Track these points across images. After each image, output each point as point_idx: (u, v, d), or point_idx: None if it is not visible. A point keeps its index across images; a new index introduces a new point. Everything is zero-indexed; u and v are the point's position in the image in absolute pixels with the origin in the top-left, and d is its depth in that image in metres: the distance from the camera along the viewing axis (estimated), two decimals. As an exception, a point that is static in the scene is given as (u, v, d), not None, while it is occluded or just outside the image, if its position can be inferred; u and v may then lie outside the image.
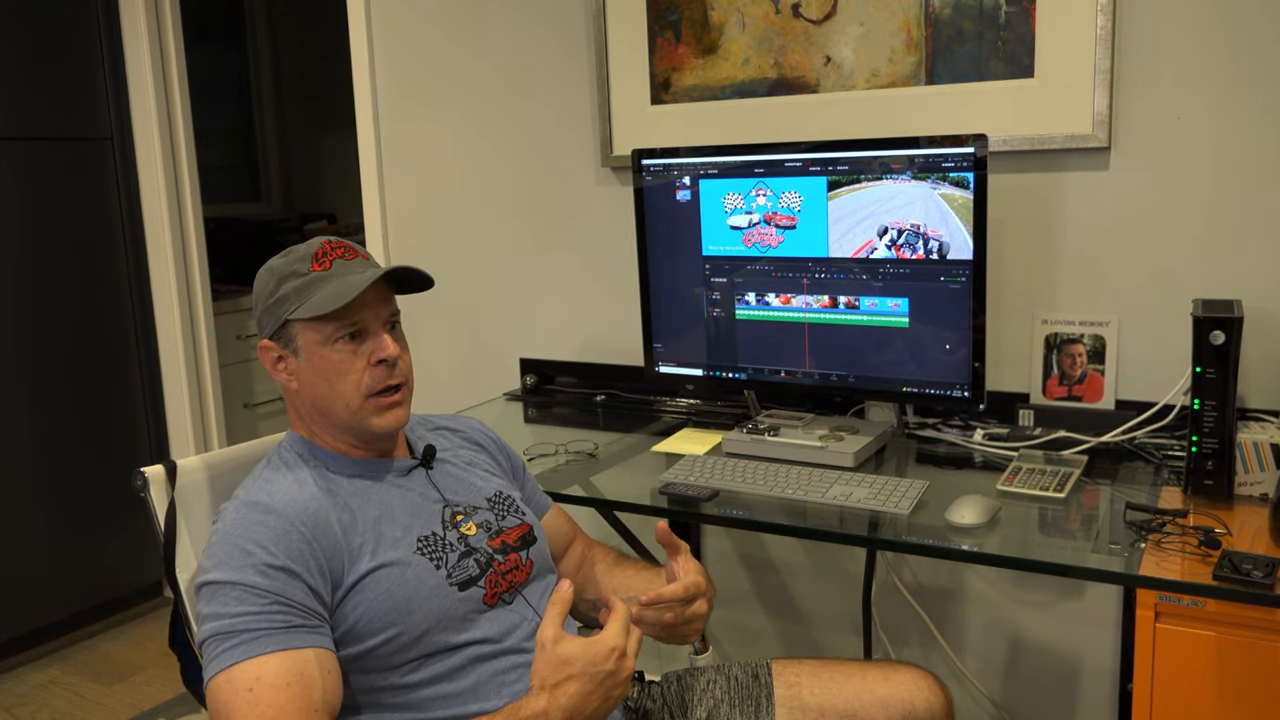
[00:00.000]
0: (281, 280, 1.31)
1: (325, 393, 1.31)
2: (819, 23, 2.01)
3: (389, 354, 1.31)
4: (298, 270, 1.31)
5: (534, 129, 2.38)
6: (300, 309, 1.29)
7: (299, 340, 1.31)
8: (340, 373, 1.30)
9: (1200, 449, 1.53)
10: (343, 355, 1.30)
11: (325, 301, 1.27)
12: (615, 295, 2.33)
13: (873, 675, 1.45)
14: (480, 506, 1.40)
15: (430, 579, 1.28)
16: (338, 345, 1.29)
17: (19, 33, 2.88)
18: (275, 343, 1.33)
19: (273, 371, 1.35)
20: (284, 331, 1.31)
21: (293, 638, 1.16)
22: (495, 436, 1.57)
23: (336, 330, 1.29)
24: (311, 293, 1.29)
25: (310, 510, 1.25)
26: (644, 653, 2.28)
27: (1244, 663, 1.30)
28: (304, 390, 1.33)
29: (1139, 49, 1.78)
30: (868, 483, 1.65)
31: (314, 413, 1.35)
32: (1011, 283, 1.94)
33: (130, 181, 3.14)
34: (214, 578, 1.18)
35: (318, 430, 1.36)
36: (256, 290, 1.34)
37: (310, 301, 1.28)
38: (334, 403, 1.31)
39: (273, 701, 1.11)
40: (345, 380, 1.30)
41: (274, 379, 1.36)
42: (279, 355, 1.33)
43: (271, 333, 1.32)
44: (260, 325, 1.34)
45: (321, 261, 1.31)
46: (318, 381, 1.31)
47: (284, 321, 1.31)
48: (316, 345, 1.30)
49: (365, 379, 1.30)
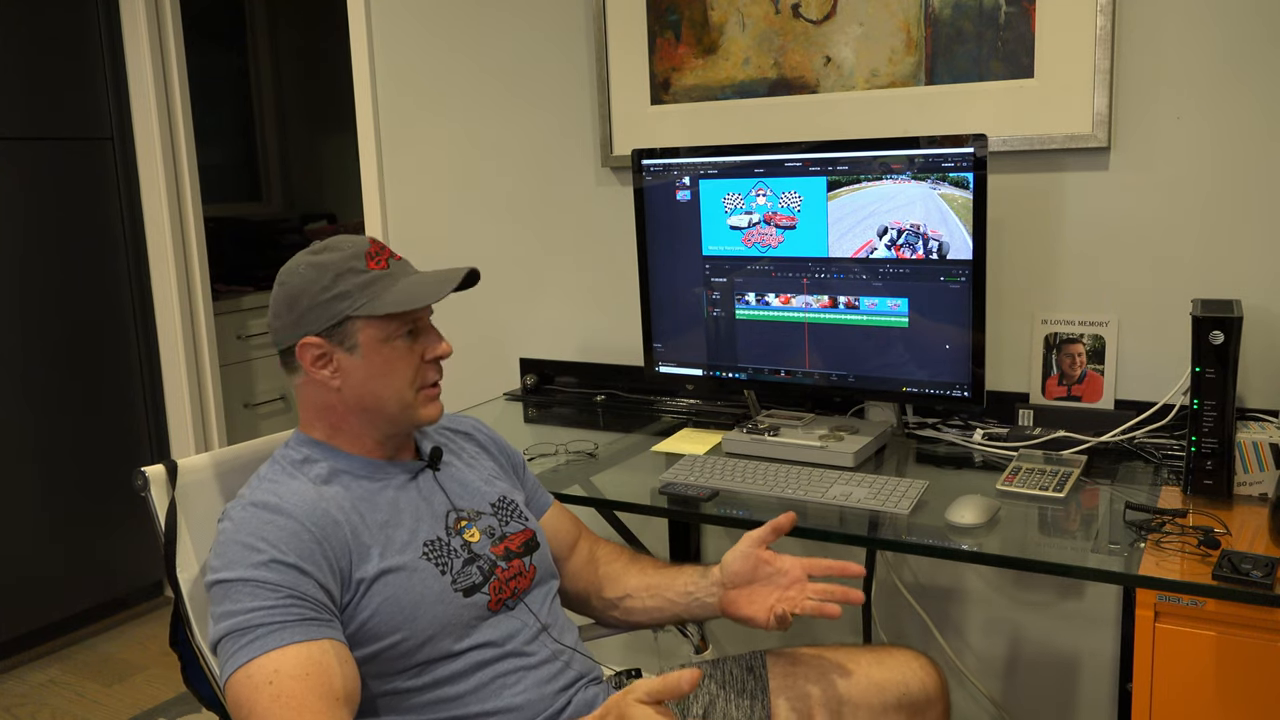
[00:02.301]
0: (338, 276, 1.29)
1: (377, 389, 1.31)
2: (819, 23, 2.01)
3: (446, 352, 1.35)
4: (354, 267, 1.30)
5: (534, 129, 2.39)
6: (367, 305, 1.28)
7: (359, 337, 1.30)
8: (399, 369, 1.32)
9: (1200, 449, 1.53)
10: (401, 352, 1.32)
11: (400, 300, 1.28)
12: (615, 295, 2.33)
13: (866, 659, 1.45)
14: (484, 512, 1.40)
15: (435, 585, 1.28)
16: (397, 343, 1.31)
17: (19, 33, 2.88)
18: (325, 339, 1.30)
19: (309, 369, 1.31)
20: (341, 328, 1.29)
21: (309, 629, 1.16)
22: (495, 436, 1.57)
23: (400, 328, 1.31)
24: (378, 290, 1.29)
25: (320, 511, 1.24)
26: (642, 650, 2.28)
27: (1244, 663, 1.30)
28: (349, 388, 1.31)
29: (1139, 49, 1.78)
30: (868, 483, 1.65)
31: (354, 410, 1.33)
32: (1011, 283, 1.94)
33: (130, 181, 3.14)
34: (225, 576, 1.18)
35: (342, 428, 1.34)
36: (298, 286, 1.30)
37: (383, 299, 1.29)
38: (386, 398, 1.32)
39: (294, 692, 1.11)
40: (402, 376, 1.32)
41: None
42: (323, 352, 1.30)
43: (323, 328, 1.29)
44: (301, 321, 1.30)
45: (377, 260, 1.31)
46: (372, 378, 1.31)
47: (345, 318, 1.29)
48: (378, 342, 1.30)
49: (420, 374, 1.34)
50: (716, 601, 1.45)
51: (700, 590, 1.47)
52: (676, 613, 1.51)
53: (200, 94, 3.24)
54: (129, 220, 3.16)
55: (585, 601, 1.57)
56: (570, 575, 1.56)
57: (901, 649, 1.48)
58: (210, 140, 3.80)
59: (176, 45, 3.09)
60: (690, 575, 1.50)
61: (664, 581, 1.51)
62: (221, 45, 4.10)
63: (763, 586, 1.43)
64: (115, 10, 3.05)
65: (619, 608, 1.54)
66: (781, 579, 1.42)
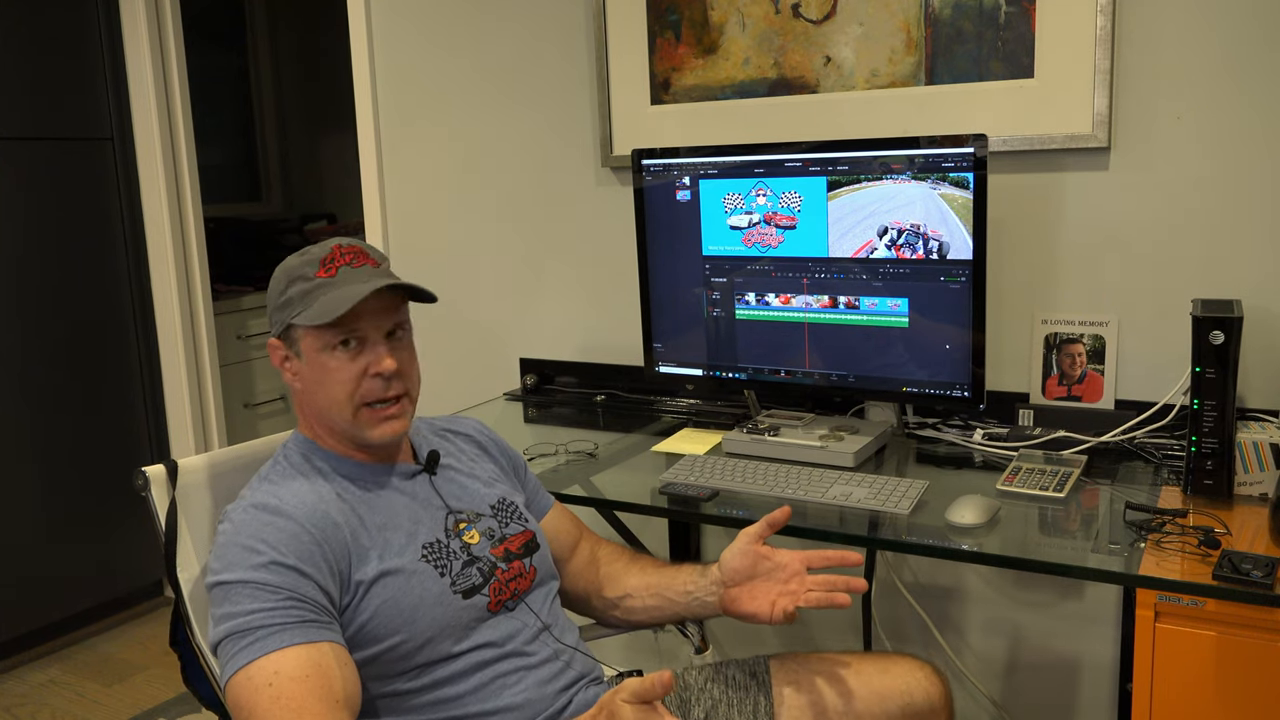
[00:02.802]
0: (290, 282, 1.32)
1: (322, 399, 1.32)
2: (819, 23, 2.01)
3: (384, 369, 1.30)
4: (305, 274, 1.31)
5: (534, 129, 2.39)
6: (301, 315, 1.29)
7: (301, 344, 1.31)
8: (336, 381, 1.29)
9: (1200, 449, 1.53)
10: (340, 363, 1.29)
11: (323, 311, 1.27)
12: (615, 295, 2.33)
13: (870, 667, 1.45)
14: (483, 514, 1.40)
15: (435, 587, 1.28)
16: (335, 353, 1.29)
17: (19, 33, 2.88)
18: (282, 342, 1.34)
19: (280, 369, 1.36)
20: (288, 334, 1.32)
21: (309, 631, 1.15)
22: (495, 437, 1.57)
23: (334, 338, 1.29)
24: (314, 299, 1.29)
25: (320, 513, 1.24)
26: (643, 652, 2.28)
27: (1244, 663, 1.30)
28: (305, 392, 1.34)
29: (1139, 49, 1.78)
30: (868, 483, 1.65)
31: (315, 415, 1.35)
32: (1011, 283, 1.94)
33: (130, 181, 3.14)
34: (225, 578, 1.18)
35: (321, 433, 1.36)
36: (270, 288, 1.35)
37: (311, 309, 1.29)
38: (330, 409, 1.32)
39: (294, 694, 1.11)
40: (340, 389, 1.30)
41: (279, 377, 1.37)
42: (285, 355, 1.34)
43: (278, 333, 1.34)
44: (270, 323, 1.36)
45: (328, 268, 1.30)
46: (315, 387, 1.32)
47: (287, 325, 1.31)
48: (315, 351, 1.30)
49: (360, 389, 1.30)
50: (717, 600, 1.46)
51: (700, 589, 1.47)
52: (677, 612, 1.51)
53: (200, 94, 3.24)
54: (129, 220, 3.16)
55: (586, 602, 1.57)
56: (571, 576, 1.56)
57: (906, 657, 1.48)
58: (210, 140, 3.80)
59: (176, 45, 3.09)
60: (690, 574, 1.50)
61: (663, 581, 1.51)
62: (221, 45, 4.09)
63: (763, 582, 1.42)
64: (115, 10, 3.05)
65: (619, 607, 1.54)
66: (781, 573, 1.42)
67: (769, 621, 1.39)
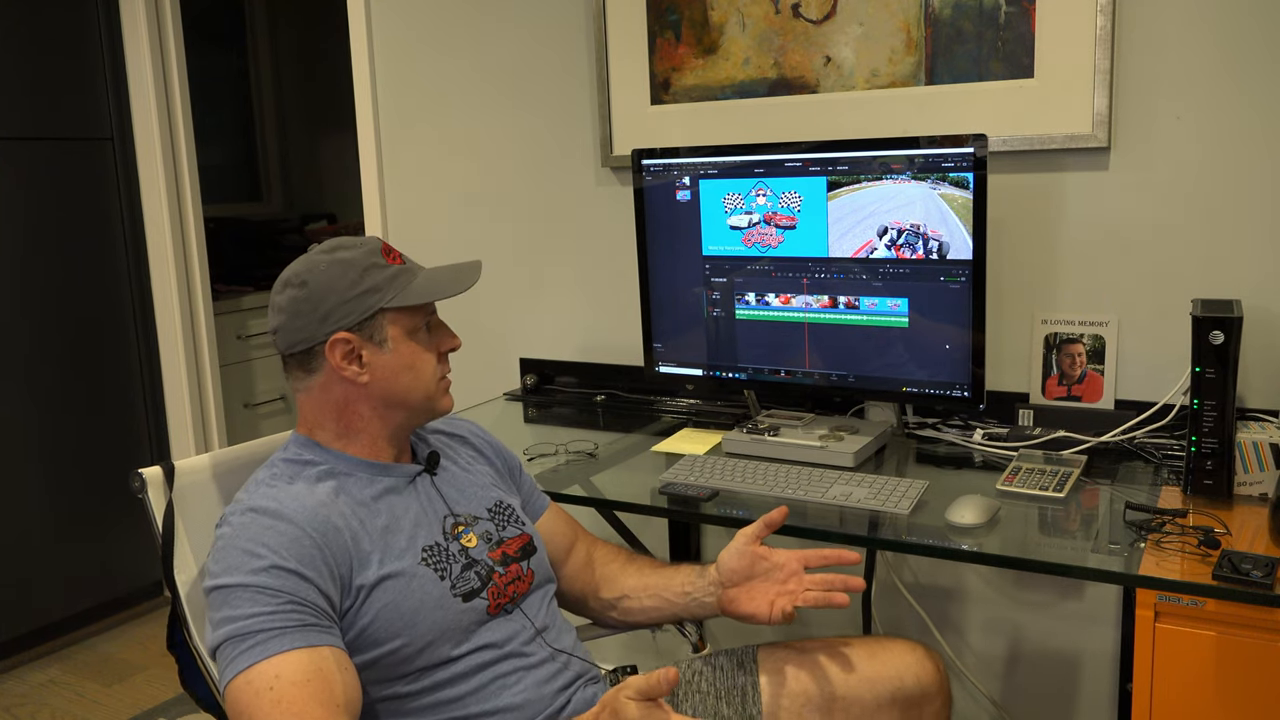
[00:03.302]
0: (364, 271, 1.30)
1: (406, 381, 1.33)
2: (819, 23, 2.01)
3: (458, 345, 1.40)
4: (377, 263, 1.32)
5: (534, 129, 2.38)
6: (397, 298, 1.30)
7: (388, 330, 1.31)
8: (425, 361, 1.35)
9: (1200, 449, 1.53)
10: (425, 344, 1.35)
11: (428, 290, 1.33)
12: (615, 295, 2.33)
13: (860, 653, 1.44)
14: (481, 517, 1.40)
15: (435, 590, 1.28)
16: (419, 335, 1.35)
17: (19, 33, 2.88)
18: (356, 334, 1.29)
19: (338, 365, 1.29)
20: (372, 322, 1.30)
21: (309, 635, 1.15)
22: (491, 439, 1.56)
23: (421, 321, 1.35)
24: (404, 283, 1.32)
25: (320, 517, 1.23)
26: (640, 649, 2.28)
27: (1244, 663, 1.30)
28: (376, 382, 1.31)
29: (1139, 49, 1.78)
30: (868, 483, 1.65)
31: (377, 405, 1.33)
32: (1011, 283, 1.94)
33: (130, 181, 3.14)
34: (224, 581, 1.17)
35: (356, 428, 1.33)
36: (324, 283, 1.28)
37: (411, 290, 1.32)
38: (413, 389, 1.34)
39: (295, 698, 1.10)
40: (428, 368, 1.35)
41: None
42: (353, 348, 1.29)
43: (354, 324, 1.29)
44: (328, 319, 1.28)
45: (392, 256, 1.35)
46: (401, 371, 1.32)
47: (376, 311, 1.30)
48: (405, 335, 1.33)
49: (439, 365, 1.38)
50: (715, 601, 1.45)
51: (698, 590, 1.47)
52: (675, 613, 1.51)
53: (200, 94, 3.24)
54: (129, 220, 3.16)
55: (583, 602, 1.57)
56: (568, 577, 1.56)
57: (898, 640, 1.46)
58: (210, 140, 3.80)
59: (176, 45, 3.08)
60: (687, 575, 1.49)
61: (661, 582, 1.51)
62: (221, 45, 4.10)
63: (761, 582, 1.43)
64: (115, 10, 3.05)
65: (617, 608, 1.54)
66: (779, 573, 1.42)
67: (768, 622, 1.39)
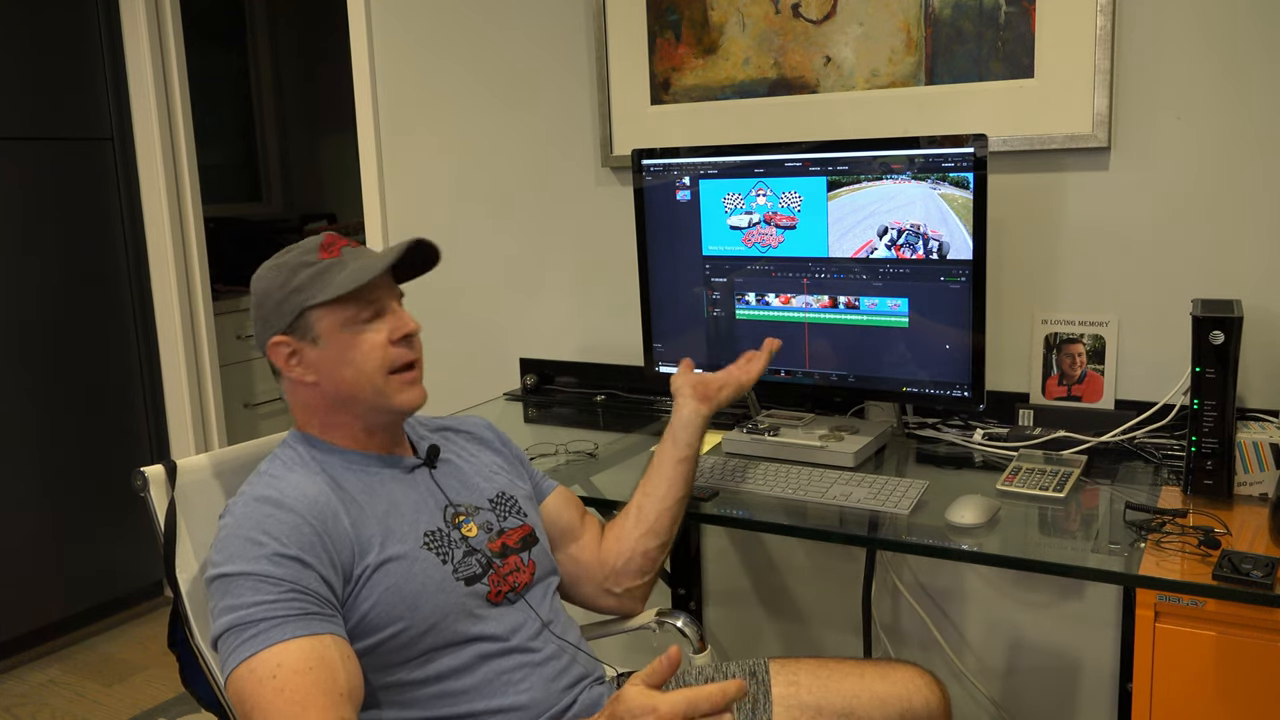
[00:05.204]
0: (293, 272, 1.31)
1: (350, 376, 1.31)
2: (819, 23, 2.01)
3: (411, 328, 1.34)
4: (307, 261, 1.32)
5: (534, 129, 2.38)
6: (320, 293, 1.29)
7: (318, 327, 1.31)
8: (364, 353, 1.31)
9: (1200, 449, 1.53)
10: (365, 335, 1.31)
11: (348, 281, 1.29)
12: (615, 295, 2.33)
13: (870, 673, 1.45)
14: (482, 507, 1.40)
15: (437, 573, 1.28)
16: (359, 326, 1.31)
17: (19, 33, 2.88)
18: (290, 336, 1.32)
19: (285, 369, 1.33)
20: (300, 322, 1.31)
21: (311, 624, 1.15)
22: (499, 433, 1.57)
23: (358, 311, 1.31)
24: (330, 278, 1.30)
25: (320, 504, 1.24)
26: (641, 650, 2.28)
27: (1244, 663, 1.30)
28: (323, 380, 1.32)
29: (1139, 49, 1.78)
30: (868, 483, 1.65)
31: (333, 403, 1.34)
32: (1011, 283, 1.94)
33: (130, 181, 3.14)
34: (226, 570, 1.18)
35: (331, 424, 1.35)
36: (262, 289, 1.33)
37: (333, 283, 1.29)
38: (359, 385, 1.31)
39: (298, 686, 1.10)
40: (370, 360, 1.31)
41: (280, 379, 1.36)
42: (292, 350, 1.32)
43: (286, 326, 1.31)
44: (268, 323, 1.32)
45: (330, 250, 1.33)
46: (340, 366, 1.31)
47: (301, 311, 1.30)
48: (338, 329, 1.31)
49: (389, 356, 1.32)
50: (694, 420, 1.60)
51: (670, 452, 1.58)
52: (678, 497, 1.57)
53: (200, 94, 3.24)
54: (129, 220, 3.16)
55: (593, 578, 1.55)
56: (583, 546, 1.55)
57: (906, 665, 1.48)
58: (210, 140, 3.80)
59: (176, 45, 3.09)
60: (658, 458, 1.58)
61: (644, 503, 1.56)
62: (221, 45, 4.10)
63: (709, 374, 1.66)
64: (115, 10, 3.05)
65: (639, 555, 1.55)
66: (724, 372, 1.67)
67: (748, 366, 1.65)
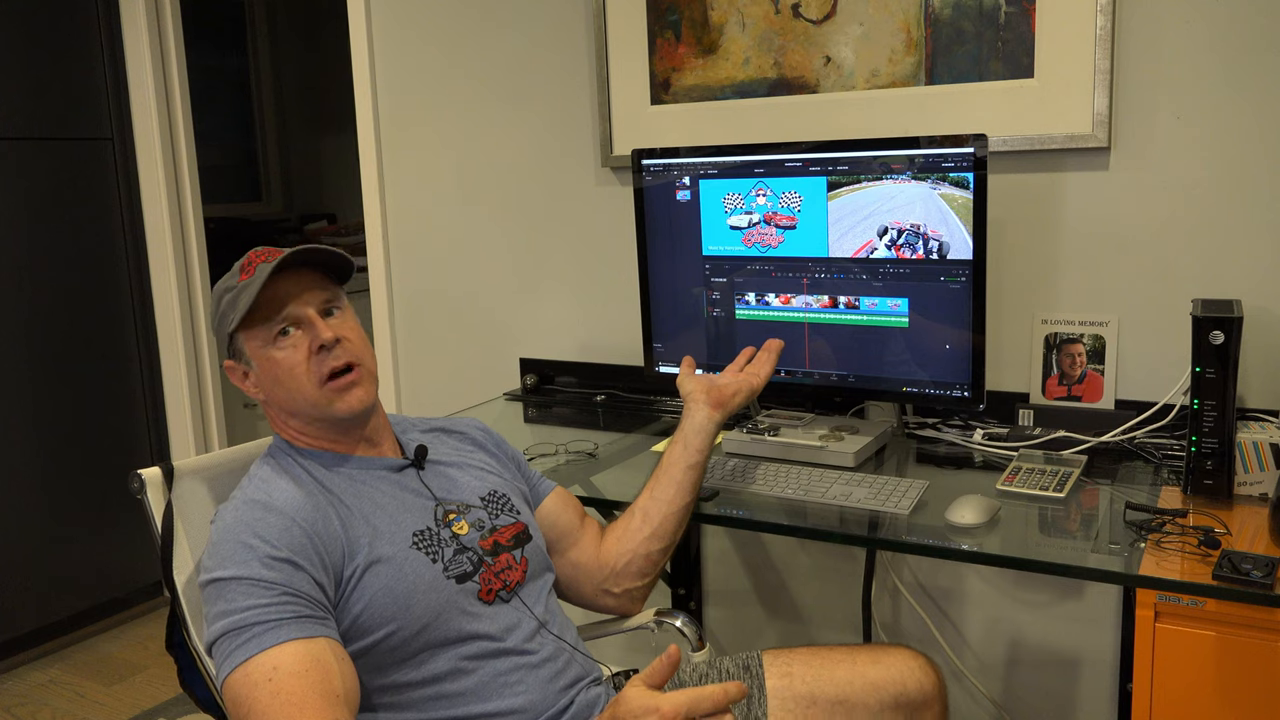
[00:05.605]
0: (220, 298, 1.34)
1: (284, 393, 1.32)
2: (819, 23, 2.01)
3: (324, 338, 1.30)
4: (230, 285, 1.33)
5: (534, 129, 2.38)
6: (235, 318, 1.29)
7: (247, 350, 1.33)
8: (288, 370, 1.31)
9: (1200, 449, 1.53)
10: (286, 352, 1.31)
11: (244, 303, 1.28)
12: (615, 295, 2.33)
13: (863, 659, 1.45)
14: (473, 505, 1.40)
15: (427, 572, 1.28)
16: (277, 343, 1.31)
17: (19, 33, 2.88)
18: (233, 360, 1.35)
19: (243, 389, 1.37)
20: (234, 346, 1.34)
21: (305, 626, 1.15)
22: (494, 434, 1.57)
23: (270, 330, 1.30)
24: (240, 300, 1.30)
25: (309, 506, 1.25)
26: (641, 650, 2.28)
27: (1244, 663, 1.30)
28: (269, 397, 1.35)
29: (1139, 49, 1.78)
30: (868, 483, 1.65)
31: (286, 415, 1.36)
32: (1011, 283, 1.94)
33: (130, 181, 3.14)
34: (218, 575, 1.18)
35: (296, 433, 1.37)
36: (211, 314, 1.37)
37: (237, 310, 1.29)
38: (295, 400, 1.32)
39: (294, 689, 1.10)
40: (294, 377, 1.31)
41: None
42: (242, 372, 1.35)
43: (227, 351, 1.35)
44: (220, 347, 1.37)
45: (247, 270, 1.32)
46: (273, 385, 1.33)
47: (230, 336, 1.33)
48: (260, 350, 1.32)
49: (313, 367, 1.31)
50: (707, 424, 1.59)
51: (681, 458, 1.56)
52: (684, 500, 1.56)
53: (200, 94, 3.24)
54: (129, 220, 3.16)
55: (592, 578, 1.55)
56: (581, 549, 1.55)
57: (899, 648, 1.48)
58: (210, 140, 3.80)
59: (176, 45, 3.08)
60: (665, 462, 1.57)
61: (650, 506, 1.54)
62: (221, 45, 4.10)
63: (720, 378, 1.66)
64: (115, 10, 3.05)
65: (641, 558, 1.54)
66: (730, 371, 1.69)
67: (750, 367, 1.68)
